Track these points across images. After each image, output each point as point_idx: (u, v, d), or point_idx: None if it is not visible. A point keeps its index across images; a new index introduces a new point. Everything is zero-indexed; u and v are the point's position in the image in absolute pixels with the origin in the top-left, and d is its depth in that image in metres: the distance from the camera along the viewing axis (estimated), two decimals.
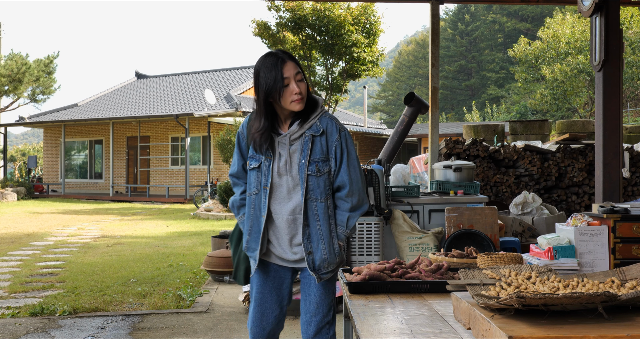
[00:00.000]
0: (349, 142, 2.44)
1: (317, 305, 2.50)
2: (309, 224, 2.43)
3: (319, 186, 2.42)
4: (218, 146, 17.46)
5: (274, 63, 2.34)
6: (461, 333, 2.17)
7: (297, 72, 2.37)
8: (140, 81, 30.67)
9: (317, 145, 2.42)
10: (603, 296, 1.76)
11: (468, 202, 5.04)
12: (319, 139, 2.42)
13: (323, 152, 2.42)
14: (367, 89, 33.70)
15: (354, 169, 2.42)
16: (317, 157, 2.42)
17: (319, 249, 2.42)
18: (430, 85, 6.74)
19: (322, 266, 2.43)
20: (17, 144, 60.78)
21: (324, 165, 2.42)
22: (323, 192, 2.43)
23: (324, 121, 2.43)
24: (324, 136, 2.42)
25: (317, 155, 2.41)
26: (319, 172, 2.41)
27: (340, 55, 17.77)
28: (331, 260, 2.43)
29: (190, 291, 5.56)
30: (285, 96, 2.36)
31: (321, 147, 2.42)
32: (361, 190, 2.43)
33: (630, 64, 25.40)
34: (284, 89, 2.35)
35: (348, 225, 2.43)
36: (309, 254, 2.43)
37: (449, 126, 27.92)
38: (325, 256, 2.42)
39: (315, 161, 2.42)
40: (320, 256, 2.42)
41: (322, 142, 2.42)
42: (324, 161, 2.42)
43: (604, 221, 3.50)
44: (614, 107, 5.05)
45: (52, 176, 27.11)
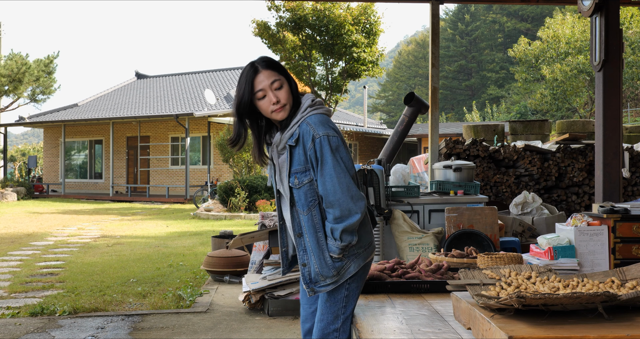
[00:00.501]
0: (325, 149, 2.23)
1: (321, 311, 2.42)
2: (302, 235, 2.35)
3: (300, 198, 2.31)
4: (218, 146, 17.46)
5: (245, 78, 2.29)
6: (461, 333, 2.17)
7: (274, 81, 2.28)
8: (140, 81, 30.67)
9: (295, 155, 2.30)
10: (603, 296, 1.76)
11: (468, 202, 5.04)
12: (296, 149, 2.29)
13: (301, 162, 2.29)
14: (367, 89, 33.71)
15: (330, 179, 2.22)
16: (296, 168, 2.30)
17: (310, 262, 2.33)
18: (430, 85, 6.74)
19: (318, 279, 2.31)
20: (17, 144, 60.77)
21: (303, 176, 2.29)
22: (305, 205, 2.31)
23: (302, 127, 2.27)
24: (300, 145, 2.28)
25: (296, 166, 2.30)
26: (298, 184, 2.30)
27: (340, 55, 17.77)
28: (325, 273, 2.29)
29: (190, 291, 5.55)
30: (263, 108, 2.30)
31: (299, 157, 2.29)
32: (342, 200, 2.22)
33: (630, 64, 25.40)
34: (259, 101, 2.29)
35: (334, 236, 2.26)
36: (304, 266, 2.34)
37: (449, 126, 27.92)
38: (317, 269, 2.30)
39: (295, 172, 2.31)
40: (313, 269, 2.31)
41: (299, 152, 2.29)
42: (302, 171, 2.29)
43: (604, 221, 3.50)
44: (614, 107, 5.05)
45: (52, 176, 27.11)
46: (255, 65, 2.29)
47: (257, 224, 6.04)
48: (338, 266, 2.30)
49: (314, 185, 2.29)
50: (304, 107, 2.31)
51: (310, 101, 2.33)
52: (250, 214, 13.85)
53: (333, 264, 2.29)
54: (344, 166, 2.25)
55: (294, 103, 2.32)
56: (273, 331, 4.32)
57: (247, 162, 17.25)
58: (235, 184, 14.73)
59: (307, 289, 2.34)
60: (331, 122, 2.33)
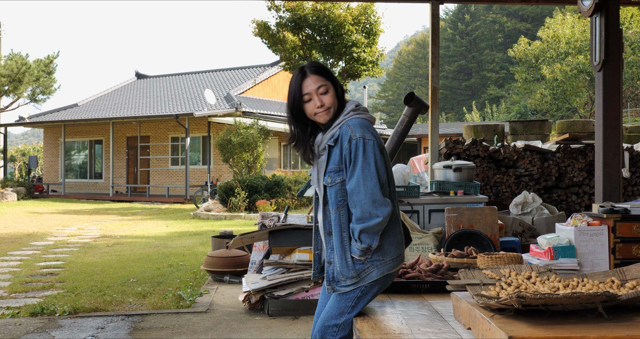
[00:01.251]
0: (359, 150, 2.30)
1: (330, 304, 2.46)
2: (331, 233, 2.42)
3: (332, 197, 2.39)
4: (218, 146, 17.46)
5: (294, 81, 2.42)
6: (461, 333, 2.17)
7: (320, 86, 2.39)
8: (140, 81, 30.68)
9: (332, 155, 2.39)
10: (603, 296, 1.76)
11: (468, 202, 5.04)
12: (334, 149, 2.38)
13: (335, 162, 2.37)
14: (367, 89, 33.70)
15: (356, 180, 2.30)
16: (332, 168, 2.39)
17: (335, 260, 2.38)
18: (430, 85, 6.74)
19: (339, 279, 2.36)
20: (17, 144, 60.78)
21: (336, 175, 2.37)
22: (334, 203, 2.38)
23: (342, 128, 2.36)
24: (338, 145, 2.37)
25: (332, 165, 2.38)
26: (331, 183, 2.38)
27: (340, 55, 17.77)
28: (345, 273, 2.35)
29: (190, 291, 5.55)
30: (308, 110, 2.42)
31: (335, 157, 2.38)
32: (363, 202, 2.28)
33: (630, 64, 25.41)
34: (305, 104, 2.41)
35: (354, 236, 2.32)
36: (330, 264, 2.40)
37: (449, 126, 27.92)
38: (339, 269, 2.36)
39: (330, 171, 2.39)
40: (337, 269, 2.37)
41: (336, 152, 2.37)
42: (336, 171, 2.37)
43: (604, 221, 3.50)
44: (614, 107, 5.05)
45: (52, 176, 27.11)
46: (304, 70, 2.42)
47: (257, 224, 6.04)
48: (359, 268, 2.34)
49: (345, 185, 2.36)
50: (347, 111, 2.41)
51: (354, 106, 2.43)
52: (250, 214, 13.85)
53: (353, 265, 2.34)
54: (373, 170, 2.30)
55: (339, 107, 2.42)
56: (273, 331, 4.32)
57: (247, 162, 17.26)
58: (235, 184, 14.72)
59: (328, 287, 2.39)
60: (371, 127, 2.39)
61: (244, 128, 17.35)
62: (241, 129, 17.33)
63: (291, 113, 2.44)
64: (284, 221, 5.74)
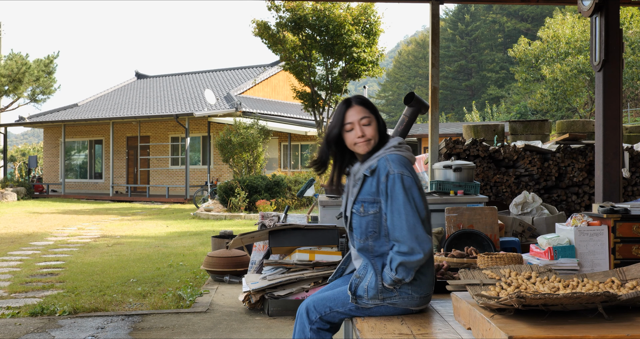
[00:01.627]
0: (397, 186, 2.33)
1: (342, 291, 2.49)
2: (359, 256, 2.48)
3: (361, 226, 2.42)
4: (218, 146, 17.46)
5: (338, 110, 2.50)
6: (461, 333, 2.17)
7: (363, 117, 2.45)
8: (140, 81, 30.68)
9: (367, 185, 2.42)
10: (603, 296, 1.76)
11: (468, 202, 5.04)
12: (369, 179, 2.41)
13: (371, 193, 2.40)
14: (367, 89, 33.70)
15: (398, 215, 2.32)
16: (365, 197, 2.42)
17: (366, 277, 2.41)
18: (430, 85, 6.73)
19: (363, 296, 2.40)
20: (17, 144, 60.77)
21: (370, 206, 2.40)
22: (363, 233, 2.41)
23: (380, 161, 2.40)
24: (375, 177, 2.40)
25: (365, 195, 2.42)
26: (363, 213, 2.41)
27: (340, 55, 17.77)
28: (371, 293, 2.38)
29: (190, 291, 5.55)
30: (349, 140, 2.47)
31: (370, 188, 2.41)
32: (406, 238, 2.30)
33: (630, 64, 25.40)
34: (346, 133, 2.47)
35: (391, 266, 2.34)
36: (357, 278, 2.43)
37: (449, 126, 27.92)
38: (366, 286, 2.38)
39: (362, 201, 2.42)
40: (363, 285, 2.39)
41: (371, 183, 2.41)
42: (371, 202, 2.40)
43: (604, 221, 3.49)
44: (614, 107, 5.05)
45: (52, 176, 27.11)
46: (350, 101, 2.50)
47: (257, 224, 6.04)
48: (385, 295, 2.38)
49: (379, 217, 2.39)
50: (388, 145, 2.46)
51: (397, 143, 2.47)
52: (250, 214, 13.85)
53: (383, 289, 2.38)
54: (414, 206, 2.34)
55: (380, 141, 2.49)
56: (273, 331, 4.32)
57: (247, 162, 17.25)
58: (235, 184, 14.72)
59: (351, 296, 2.41)
60: (410, 165, 2.43)
61: (244, 128, 17.35)
62: (241, 129, 17.32)
63: (327, 139, 2.50)
64: (284, 221, 5.74)
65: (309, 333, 2.44)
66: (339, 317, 2.46)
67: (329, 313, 2.45)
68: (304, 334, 2.46)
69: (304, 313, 2.47)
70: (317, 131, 18.60)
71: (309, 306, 2.48)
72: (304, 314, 2.47)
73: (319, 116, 18.55)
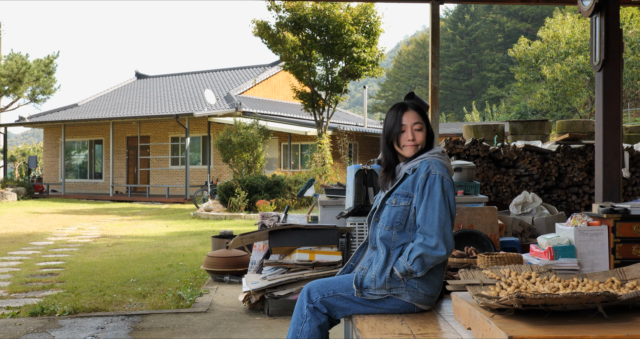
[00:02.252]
0: (437, 185, 2.44)
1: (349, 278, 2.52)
2: (376, 247, 2.55)
3: (390, 215, 2.52)
4: (218, 146, 17.46)
5: (397, 110, 2.62)
6: (461, 333, 2.17)
7: (416, 122, 2.58)
8: (140, 81, 30.68)
9: (405, 181, 2.54)
10: (603, 296, 1.76)
11: (468, 202, 5.04)
12: (409, 177, 2.54)
13: (407, 187, 2.52)
14: (367, 89, 33.72)
15: (432, 211, 2.41)
16: (400, 191, 2.54)
17: (371, 268, 2.48)
18: (430, 85, 6.74)
19: (369, 286, 2.44)
20: (17, 144, 60.76)
21: (402, 198, 2.51)
22: (390, 222, 2.50)
23: (424, 163, 2.52)
24: (414, 174, 2.52)
25: (401, 189, 2.54)
26: (395, 204, 2.52)
27: (340, 55, 17.77)
28: (378, 283, 2.43)
29: (190, 291, 5.55)
30: (400, 141, 2.60)
31: (407, 183, 2.53)
32: (436, 233, 2.39)
33: (630, 64, 25.40)
34: (400, 134, 2.59)
35: (409, 256, 2.40)
36: (362, 269, 2.50)
37: (449, 126, 27.92)
38: (373, 277, 2.44)
39: (397, 193, 2.54)
40: (370, 275, 2.45)
41: (409, 179, 2.53)
42: (404, 195, 2.51)
43: (604, 221, 3.49)
44: (614, 107, 5.05)
45: (52, 176, 27.11)
46: (406, 105, 2.63)
47: (257, 224, 6.04)
48: (393, 285, 2.43)
49: (407, 210, 2.49)
50: (433, 151, 2.58)
51: (441, 151, 2.62)
52: (250, 214, 13.85)
53: (390, 279, 2.43)
54: (448, 207, 2.44)
55: (426, 146, 2.61)
56: (273, 331, 4.32)
57: (247, 162, 17.25)
58: (235, 184, 14.72)
59: (356, 289, 2.46)
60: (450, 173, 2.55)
61: (244, 128, 17.35)
62: (241, 129, 17.32)
63: (387, 141, 2.63)
64: (284, 221, 5.74)
65: (306, 310, 2.47)
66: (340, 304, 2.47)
67: (332, 296, 2.47)
68: (301, 311, 2.49)
69: (304, 293, 2.51)
70: (317, 131, 18.60)
71: (311, 287, 2.51)
72: (304, 294, 2.51)
73: (319, 116, 18.55)
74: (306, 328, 2.46)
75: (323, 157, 17.95)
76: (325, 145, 18.16)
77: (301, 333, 2.46)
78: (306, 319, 2.46)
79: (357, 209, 4.63)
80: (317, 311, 2.46)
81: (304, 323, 2.46)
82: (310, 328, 2.46)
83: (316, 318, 2.46)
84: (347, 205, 4.81)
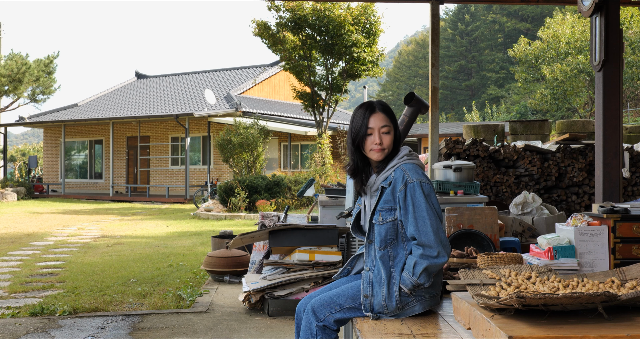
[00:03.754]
0: (417, 193, 2.38)
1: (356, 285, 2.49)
2: (370, 268, 2.48)
3: (380, 234, 2.45)
4: (218, 146, 17.46)
5: (363, 112, 2.50)
6: (461, 333, 2.17)
7: (384, 125, 2.48)
8: (140, 81, 30.67)
9: (384, 195, 2.47)
10: (603, 296, 1.76)
11: (468, 202, 5.04)
12: (386, 190, 2.46)
13: (388, 201, 2.45)
14: (367, 89, 33.71)
15: (422, 221, 2.36)
16: (383, 207, 2.46)
17: (376, 293, 2.42)
18: (430, 85, 6.73)
19: (382, 312, 2.41)
20: (17, 144, 60.75)
21: (388, 214, 2.45)
22: (383, 241, 2.45)
23: (397, 172, 2.45)
24: (391, 187, 2.45)
25: (383, 204, 2.46)
26: (382, 221, 2.45)
27: (340, 55, 17.77)
28: (389, 305, 2.39)
29: (190, 291, 5.55)
30: (366, 144, 2.50)
31: (387, 197, 2.46)
32: (432, 242, 2.34)
33: (630, 64, 25.40)
34: (366, 137, 2.49)
35: (414, 271, 2.36)
36: (366, 297, 2.43)
37: (449, 126, 27.91)
38: (383, 301, 2.39)
39: (380, 210, 2.47)
40: (379, 301, 2.40)
41: (387, 192, 2.46)
42: (388, 210, 2.45)
43: (604, 221, 3.49)
44: (614, 107, 5.05)
45: (52, 176, 27.11)
46: (373, 106, 2.52)
47: (257, 224, 6.04)
48: (404, 300, 2.40)
49: (396, 224, 2.44)
50: (401, 155, 2.51)
51: (408, 151, 2.54)
52: (250, 214, 13.84)
53: (399, 298, 2.39)
54: (435, 211, 2.39)
55: (393, 150, 2.51)
56: (273, 331, 4.32)
57: (247, 162, 17.25)
58: (235, 184, 14.72)
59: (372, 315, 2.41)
60: (424, 173, 2.48)
61: (244, 128, 17.35)
62: (241, 129, 17.32)
63: (353, 144, 2.52)
64: (284, 221, 5.73)
65: (315, 329, 2.43)
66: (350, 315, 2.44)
67: (339, 311, 2.44)
68: (310, 330, 2.44)
69: (309, 311, 2.46)
70: (317, 131, 18.60)
71: (315, 305, 2.46)
72: (310, 312, 2.46)
73: (319, 116, 18.55)
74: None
75: (323, 157, 17.95)
76: (325, 145, 18.16)
77: None
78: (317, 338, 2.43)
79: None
80: (327, 328, 2.43)
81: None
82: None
83: (327, 335, 2.44)
84: (347, 205, 4.81)
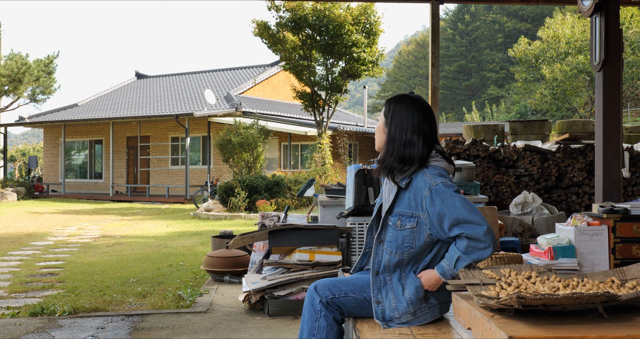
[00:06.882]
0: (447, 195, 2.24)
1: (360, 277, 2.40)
2: (379, 272, 2.35)
3: (397, 240, 2.32)
4: (218, 146, 17.46)
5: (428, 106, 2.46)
6: (461, 333, 2.17)
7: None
8: (140, 81, 30.67)
9: (404, 198, 2.33)
10: (603, 296, 1.76)
11: None
12: (406, 193, 2.32)
13: (410, 206, 2.31)
14: (367, 89, 33.71)
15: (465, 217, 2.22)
16: (403, 211, 2.32)
17: (386, 299, 2.32)
18: (430, 85, 6.74)
19: (393, 317, 2.29)
20: (17, 144, 60.76)
21: (408, 220, 2.31)
22: (399, 247, 2.31)
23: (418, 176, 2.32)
24: (411, 191, 2.31)
25: (404, 208, 2.32)
26: (400, 226, 2.32)
27: (340, 55, 17.77)
28: (402, 309, 2.29)
29: (190, 291, 5.55)
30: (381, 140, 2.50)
31: (408, 202, 2.31)
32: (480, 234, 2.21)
33: (630, 64, 25.40)
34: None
35: (456, 264, 2.25)
36: (378, 303, 2.32)
37: (449, 126, 27.92)
38: (394, 305, 2.29)
39: (400, 214, 2.33)
40: (390, 306, 2.30)
41: (409, 197, 2.31)
42: (409, 216, 2.31)
43: (604, 221, 3.49)
44: (614, 107, 5.05)
45: (52, 176, 27.11)
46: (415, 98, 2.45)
47: (257, 224, 6.04)
48: (416, 306, 2.30)
49: (415, 232, 2.29)
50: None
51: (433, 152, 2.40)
52: (250, 214, 13.85)
53: (410, 300, 2.29)
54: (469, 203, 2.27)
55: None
56: (273, 331, 4.32)
57: (247, 162, 17.25)
58: (235, 184, 14.72)
59: (381, 323, 2.31)
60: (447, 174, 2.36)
61: (244, 128, 17.36)
62: (241, 129, 17.33)
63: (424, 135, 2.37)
64: (284, 221, 5.73)
65: (319, 305, 2.34)
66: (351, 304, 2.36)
67: (343, 296, 2.35)
68: (312, 307, 2.35)
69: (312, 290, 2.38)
70: (317, 131, 18.61)
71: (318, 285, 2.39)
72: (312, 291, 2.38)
73: (319, 116, 18.55)
74: (322, 323, 2.31)
75: (323, 157, 17.95)
76: (325, 145, 18.16)
77: (318, 330, 2.31)
78: (321, 314, 2.31)
79: (357, 209, 4.63)
80: (329, 305, 2.34)
81: (320, 319, 2.32)
82: (327, 322, 2.32)
83: (331, 312, 2.33)
84: (347, 205, 4.81)
